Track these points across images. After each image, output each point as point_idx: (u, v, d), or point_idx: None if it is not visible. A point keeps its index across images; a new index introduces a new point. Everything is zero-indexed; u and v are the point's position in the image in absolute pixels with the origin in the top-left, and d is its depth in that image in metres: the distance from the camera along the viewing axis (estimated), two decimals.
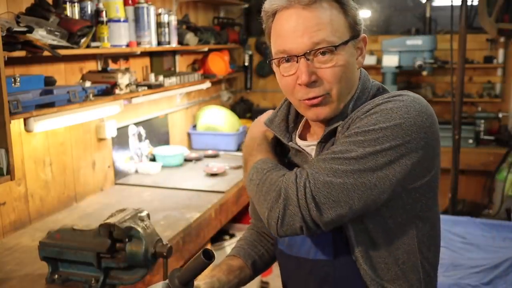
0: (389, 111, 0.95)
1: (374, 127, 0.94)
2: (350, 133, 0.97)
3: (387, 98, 0.99)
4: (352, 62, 1.02)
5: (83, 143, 2.55)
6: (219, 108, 3.78)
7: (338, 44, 0.98)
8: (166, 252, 1.36)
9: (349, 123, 1.01)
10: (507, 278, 2.24)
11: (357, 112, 1.00)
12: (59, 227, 1.56)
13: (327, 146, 1.05)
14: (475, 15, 3.92)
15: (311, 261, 1.09)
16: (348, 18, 1.01)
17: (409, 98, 0.98)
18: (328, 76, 0.99)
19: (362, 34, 1.05)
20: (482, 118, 4.03)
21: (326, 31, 0.98)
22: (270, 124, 1.16)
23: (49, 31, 1.98)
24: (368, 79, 1.10)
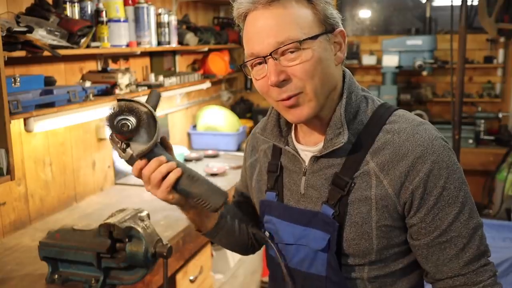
0: (453, 167, 1.00)
1: (463, 188, 1.00)
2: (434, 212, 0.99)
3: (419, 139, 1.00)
4: (326, 57, 0.98)
5: (83, 143, 2.55)
6: (219, 108, 3.78)
7: (302, 40, 0.95)
8: (166, 252, 1.36)
9: (382, 163, 1.00)
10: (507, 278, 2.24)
11: (387, 150, 1.00)
12: (59, 227, 1.56)
13: (322, 161, 1.05)
14: (475, 15, 3.92)
15: (303, 273, 1.09)
16: (317, 12, 0.98)
17: (432, 133, 1.02)
18: (298, 72, 0.96)
19: (338, 28, 1.01)
20: (482, 118, 4.03)
21: (290, 29, 0.95)
22: (263, 132, 1.14)
23: (49, 31, 1.98)
24: (353, 81, 1.07)
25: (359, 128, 1.04)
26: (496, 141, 3.95)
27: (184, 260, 2.18)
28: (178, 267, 2.14)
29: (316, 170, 1.06)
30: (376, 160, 1.00)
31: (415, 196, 0.98)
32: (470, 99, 4.18)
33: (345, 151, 1.03)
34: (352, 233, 1.02)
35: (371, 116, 1.04)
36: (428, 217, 0.98)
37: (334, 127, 1.01)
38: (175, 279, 2.14)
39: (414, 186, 0.97)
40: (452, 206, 0.98)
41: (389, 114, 1.04)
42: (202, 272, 2.37)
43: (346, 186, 1.01)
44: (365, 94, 1.08)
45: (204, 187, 1.05)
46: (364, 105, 1.06)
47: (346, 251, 1.03)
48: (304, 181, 1.08)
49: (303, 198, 1.08)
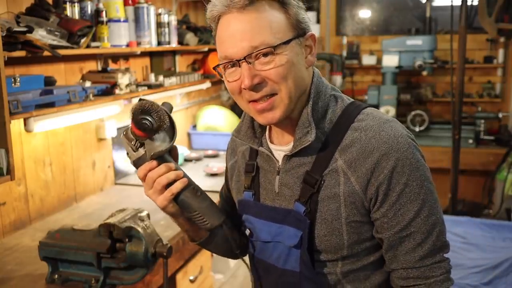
0: (417, 164, 1.01)
1: (425, 184, 1.02)
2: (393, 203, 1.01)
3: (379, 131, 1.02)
4: (298, 61, 1.01)
5: (83, 143, 2.55)
6: (219, 108, 3.78)
7: (276, 45, 0.97)
8: (166, 252, 1.36)
9: (349, 160, 1.02)
10: (507, 278, 2.24)
11: (355, 147, 1.02)
12: (59, 227, 1.56)
13: (294, 160, 1.08)
14: (475, 15, 3.92)
15: (280, 269, 1.11)
16: (290, 17, 1.00)
17: (394, 125, 1.04)
18: (272, 76, 0.98)
19: (308, 32, 1.04)
20: (482, 118, 4.03)
21: (264, 33, 0.97)
22: (237, 134, 1.17)
23: (49, 31, 1.98)
24: (322, 81, 1.10)
25: (328, 126, 1.06)
26: (496, 141, 3.94)
27: (184, 260, 2.18)
28: (178, 267, 2.14)
29: (289, 169, 1.09)
30: (344, 158, 1.03)
31: (379, 191, 1.00)
32: (470, 99, 4.17)
33: (315, 150, 1.05)
34: (323, 229, 1.04)
35: (340, 115, 1.07)
36: (390, 212, 1.01)
37: (302, 126, 1.04)
38: (175, 279, 2.14)
39: (379, 182, 1.00)
40: (413, 203, 1.01)
41: (357, 112, 1.06)
42: (202, 272, 2.37)
43: (316, 184, 1.04)
44: (335, 93, 1.10)
45: (205, 203, 1.09)
46: (333, 104, 1.08)
47: (318, 247, 1.06)
48: (278, 180, 1.11)
49: (277, 197, 1.11)
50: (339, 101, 1.09)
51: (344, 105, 1.08)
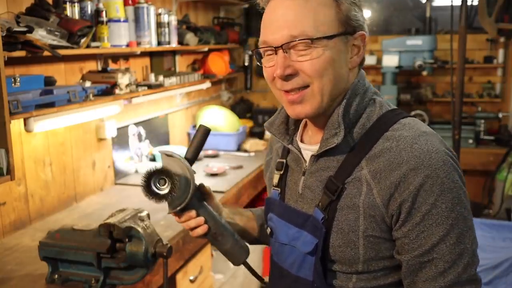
0: (449, 184, 0.92)
1: (457, 209, 0.93)
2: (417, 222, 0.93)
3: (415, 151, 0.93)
4: (340, 59, 0.97)
5: (83, 143, 2.55)
6: (219, 108, 3.78)
7: (315, 38, 0.93)
8: (166, 252, 1.36)
9: (374, 170, 0.96)
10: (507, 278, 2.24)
11: (384, 157, 0.95)
12: (59, 227, 1.56)
13: (320, 162, 1.04)
14: (475, 15, 3.92)
15: (293, 276, 1.08)
16: (340, 12, 0.96)
17: (434, 143, 0.95)
18: (306, 68, 0.95)
19: (359, 31, 0.99)
20: (482, 118, 4.03)
21: (306, 24, 0.94)
22: (270, 126, 1.13)
23: (49, 31, 1.98)
24: (363, 84, 1.04)
25: (360, 131, 1.00)
26: (496, 141, 3.94)
27: (184, 260, 2.18)
28: (178, 267, 2.14)
29: (314, 171, 1.05)
30: (370, 167, 0.96)
31: (402, 209, 0.93)
32: (470, 99, 4.17)
33: (343, 154, 1.00)
34: (338, 239, 0.99)
35: (375, 121, 1.00)
36: (412, 233, 0.93)
37: (331, 127, 1.00)
38: (175, 279, 2.14)
39: (403, 199, 0.92)
40: (440, 227, 0.92)
41: (394, 121, 0.99)
42: (202, 272, 2.37)
43: (336, 191, 0.99)
44: (376, 98, 1.04)
45: (227, 245, 1.16)
46: (370, 109, 1.02)
47: (333, 257, 1.01)
48: (302, 181, 1.07)
49: (300, 199, 1.08)
50: (377, 106, 1.02)
51: (382, 112, 1.01)
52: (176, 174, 1.05)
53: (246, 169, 3.13)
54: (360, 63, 1.04)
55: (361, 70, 1.06)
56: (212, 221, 1.13)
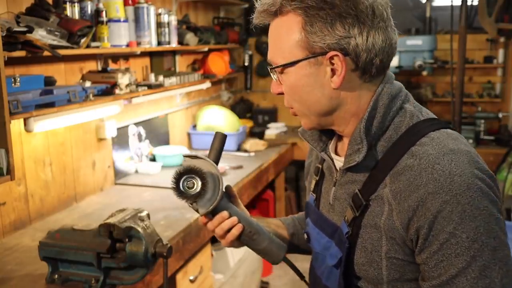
0: (472, 212, 0.84)
1: (482, 239, 0.84)
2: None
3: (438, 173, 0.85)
4: (308, 83, 0.94)
5: (83, 143, 2.55)
6: (219, 108, 3.78)
7: (274, 67, 0.96)
8: (166, 252, 1.36)
9: (395, 189, 0.90)
10: None
11: (405, 176, 0.89)
12: (59, 227, 1.56)
13: (348, 175, 1.00)
14: (475, 15, 3.92)
15: (323, 284, 1.08)
16: (305, 36, 0.90)
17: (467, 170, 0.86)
18: (284, 92, 0.99)
19: (330, 52, 0.90)
20: (482, 118, 4.03)
21: (274, 52, 0.97)
22: (303, 132, 1.10)
23: (49, 31, 1.98)
24: (388, 94, 0.95)
25: (386, 145, 0.94)
26: (496, 141, 3.94)
27: (184, 260, 2.18)
28: (178, 267, 2.14)
29: (343, 183, 1.01)
30: (392, 186, 0.91)
31: (419, 235, 0.87)
32: (470, 99, 4.17)
33: (369, 168, 0.96)
34: (362, 258, 0.96)
35: (403, 133, 0.93)
36: (431, 262, 0.87)
37: (353, 142, 0.96)
38: (175, 279, 2.14)
39: (419, 224, 0.87)
40: (459, 258, 0.84)
41: (423, 134, 0.91)
42: (202, 272, 2.37)
43: (360, 208, 0.95)
44: (406, 107, 0.97)
45: (264, 243, 1.11)
46: (399, 119, 0.95)
47: (358, 274, 0.98)
48: (333, 192, 1.05)
49: (331, 209, 1.05)
50: (407, 116, 0.95)
51: (413, 122, 0.94)
52: (206, 173, 1.03)
53: (246, 169, 3.13)
54: (368, 78, 0.95)
55: (388, 76, 0.99)
56: (244, 220, 1.10)
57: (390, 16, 0.97)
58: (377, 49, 0.92)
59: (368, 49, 0.91)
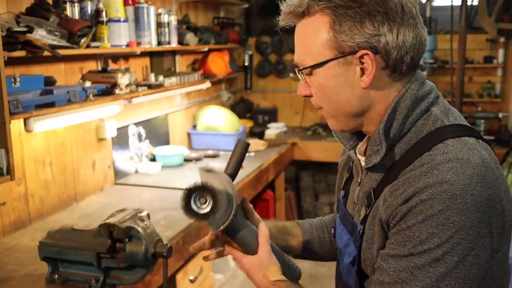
0: (439, 219, 0.82)
1: (430, 245, 0.84)
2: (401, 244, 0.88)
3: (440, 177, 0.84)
4: (338, 83, 0.93)
5: (83, 143, 2.55)
6: (219, 108, 3.78)
7: (305, 67, 0.95)
8: (166, 252, 1.36)
9: (395, 187, 0.90)
10: None
11: (406, 176, 0.89)
12: (59, 227, 1.56)
13: (369, 174, 1.01)
14: (475, 15, 3.92)
15: (343, 280, 1.09)
16: (334, 36, 0.90)
17: (468, 181, 0.83)
18: (313, 93, 0.99)
19: (361, 50, 0.89)
20: (482, 118, 4.03)
21: (299, 53, 0.97)
22: (335, 131, 1.09)
23: (49, 31, 1.98)
24: (413, 94, 0.94)
25: (405, 147, 0.94)
26: (496, 141, 3.94)
27: (184, 260, 2.18)
28: (178, 267, 2.14)
29: (364, 183, 1.02)
30: (392, 184, 0.92)
31: (391, 223, 0.90)
32: (470, 99, 4.17)
33: (385, 169, 0.96)
34: (363, 254, 0.98)
35: (423, 136, 0.92)
36: (387, 243, 0.91)
37: (373, 143, 0.96)
38: (175, 279, 2.14)
39: (397, 215, 0.88)
40: (402, 247, 0.86)
41: (441, 140, 0.89)
42: (202, 272, 2.37)
43: (371, 206, 0.97)
44: (433, 110, 0.95)
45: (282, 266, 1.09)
46: (422, 123, 0.93)
47: (365, 271, 0.99)
48: (357, 191, 1.05)
49: (356, 207, 1.06)
50: (431, 120, 0.93)
51: (435, 127, 0.92)
52: (218, 190, 0.98)
53: (246, 169, 3.13)
54: (398, 77, 0.94)
55: (416, 75, 0.98)
56: (256, 242, 1.06)
57: (419, 13, 0.95)
58: (407, 46, 0.91)
59: (398, 47, 0.90)
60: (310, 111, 4.65)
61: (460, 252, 0.82)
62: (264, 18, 4.72)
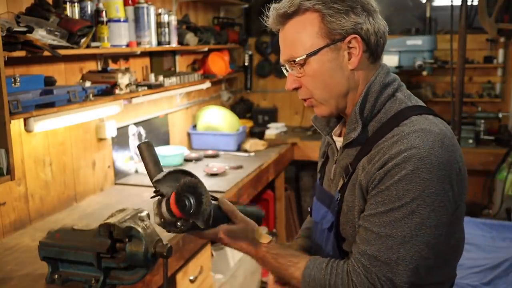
0: (411, 177, 0.99)
1: (406, 200, 1.00)
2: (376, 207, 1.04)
3: (407, 148, 1.01)
4: (332, 67, 1.10)
5: (83, 143, 2.55)
6: (219, 108, 3.78)
7: (300, 57, 1.09)
8: (166, 252, 1.36)
9: (371, 156, 1.07)
10: (507, 278, 2.24)
11: (380, 147, 1.06)
12: (59, 227, 1.56)
13: (345, 151, 1.17)
14: (475, 15, 3.92)
15: (323, 251, 1.22)
16: (323, 26, 1.07)
17: (434, 149, 1.00)
18: (305, 83, 1.13)
19: (350, 35, 1.08)
20: (482, 118, 4.03)
21: (292, 48, 1.11)
22: (315, 120, 1.28)
23: (49, 31, 1.98)
24: (381, 81, 1.13)
25: (376, 125, 1.11)
26: (496, 141, 3.94)
27: (184, 260, 2.18)
28: (178, 267, 2.14)
29: (340, 160, 1.19)
30: (369, 154, 1.08)
31: (371, 187, 1.05)
32: (470, 99, 4.17)
33: (360, 145, 1.12)
34: (343, 218, 1.14)
35: (391, 116, 1.10)
36: (368, 203, 1.06)
37: (350, 122, 1.13)
38: (175, 279, 2.14)
39: (375, 179, 1.04)
40: (382, 206, 1.02)
41: (406, 117, 1.07)
42: (202, 272, 2.37)
43: (348, 175, 1.13)
44: (397, 95, 1.13)
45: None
46: (390, 105, 1.12)
47: (342, 234, 1.15)
48: (334, 169, 1.22)
49: (331, 184, 1.22)
50: (397, 103, 1.11)
51: (401, 108, 1.10)
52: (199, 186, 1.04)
53: (246, 169, 3.13)
54: (373, 58, 1.13)
55: (383, 66, 1.16)
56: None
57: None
58: (381, 32, 1.11)
59: (375, 33, 1.10)
60: (310, 111, 4.64)
61: (430, 203, 0.99)
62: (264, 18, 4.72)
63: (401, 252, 1.00)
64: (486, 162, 3.81)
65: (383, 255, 1.01)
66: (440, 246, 1.03)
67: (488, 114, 4.07)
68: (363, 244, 1.04)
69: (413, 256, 1.00)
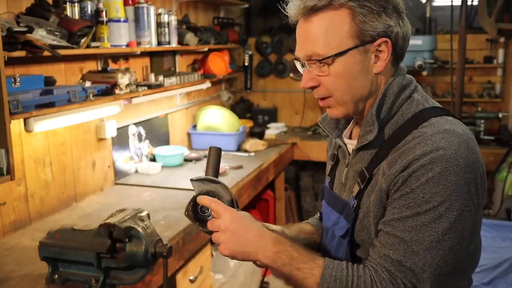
0: (439, 180, 0.95)
1: (434, 203, 0.96)
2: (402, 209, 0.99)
3: (433, 150, 0.96)
4: (357, 69, 1.04)
5: (83, 143, 2.55)
6: (219, 108, 3.78)
7: (326, 57, 1.02)
8: (166, 252, 1.36)
9: (392, 161, 1.02)
10: (507, 278, 2.24)
11: (401, 150, 1.01)
12: (59, 227, 1.56)
13: (358, 155, 1.12)
14: (475, 15, 3.92)
15: (333, 257, 1.15)
16: (354, 26, 1.01)
17: (457, 152, 0.96)
18: (325, 83, 1.06)
19: (380, 38, 1.02)
20: (482, 118, 4.02)
21: (317, 44, 1.03)
22: (322, 121, 1.23)
23: (49, 31, 1.98)
24: (399, 82, 1.08)
25: (393, 128, 1.07)
26: (496, 141, 3.94)
27: (184, 260, 2.18)
28: (178, 267, 2.14)
29: (353, 163, 1.13)
30: (389, 158, 1.03)
31: (392, 190, 1.01)
32: (470, 99, 4.17)
33: (376, 148, 1.08)
34: (359, 225, 1.08)
35: (409, 118, 1.05)
36: (389, 205, 1.01)
37: (366, 124, 1.08)
38: (175, 279, 2.14)
39: (398, 181, 0.99)
40: (408, 210, 0.97)
41: (425, 119, 1.03)
42: (202, 272, 2.37)
43: (365, 181, 1.07)
44: (415, 96, 1.09)
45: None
46: (407, 107, 1.07)
47: (357, 241, 1.10)
48: (345, 173, 1.16)
49: (343, 188, 1.17)
50: (414, 104, 1.07)
51: (418, 109, 1.06)
52: (224, 199, 1.10)
53: (246, 169, 3.13)
54: (396, 61, 1.08)
55: (401, 68, 1.11)
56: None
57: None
58: (408, 36, 1.07)
59: (403, 36, 1.05)
60: (310, 111, 4.65)
61: (458, 207, 0.95)
62: (264, 18, 4.72)
63: (428, 258, 0.96)
64: (486, 162, 3.76)
65: (408, 260, 0.97)
66: (462, 252, 1.00)
67: (488, 114, 4.07)
68: (386, 248, 0.99)
69: (439, 262, 0.96)
